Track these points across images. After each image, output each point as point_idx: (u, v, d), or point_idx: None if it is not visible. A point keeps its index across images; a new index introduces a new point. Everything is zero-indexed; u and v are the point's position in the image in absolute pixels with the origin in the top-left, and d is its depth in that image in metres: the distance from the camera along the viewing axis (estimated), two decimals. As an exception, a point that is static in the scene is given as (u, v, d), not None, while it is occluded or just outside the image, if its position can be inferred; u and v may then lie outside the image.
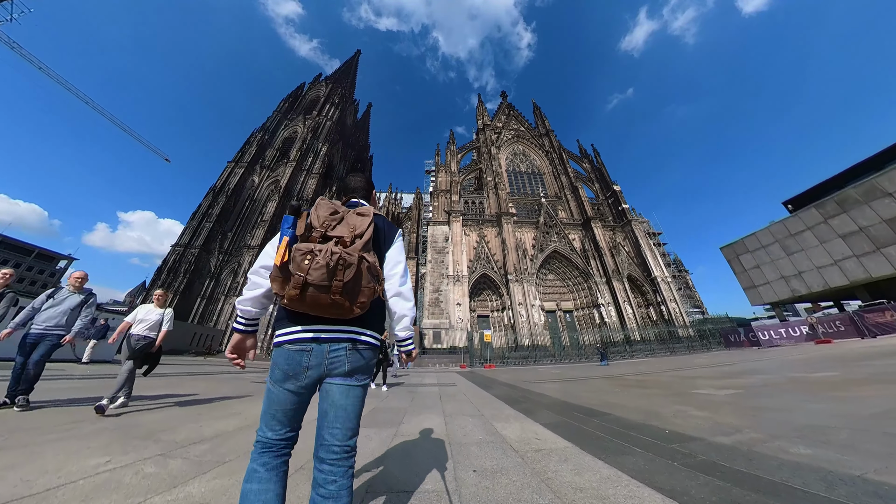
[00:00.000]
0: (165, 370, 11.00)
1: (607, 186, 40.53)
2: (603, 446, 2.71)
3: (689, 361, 14.28)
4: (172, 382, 7.62)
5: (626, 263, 33.44)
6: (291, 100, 65.61)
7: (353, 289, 1.10)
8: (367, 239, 1.18)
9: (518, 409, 4.81)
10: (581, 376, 10.58)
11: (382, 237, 1.38)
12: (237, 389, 6.70)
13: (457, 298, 30.03)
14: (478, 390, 7.55)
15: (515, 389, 7.45)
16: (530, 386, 8.22)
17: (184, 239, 42.48)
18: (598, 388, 6.90)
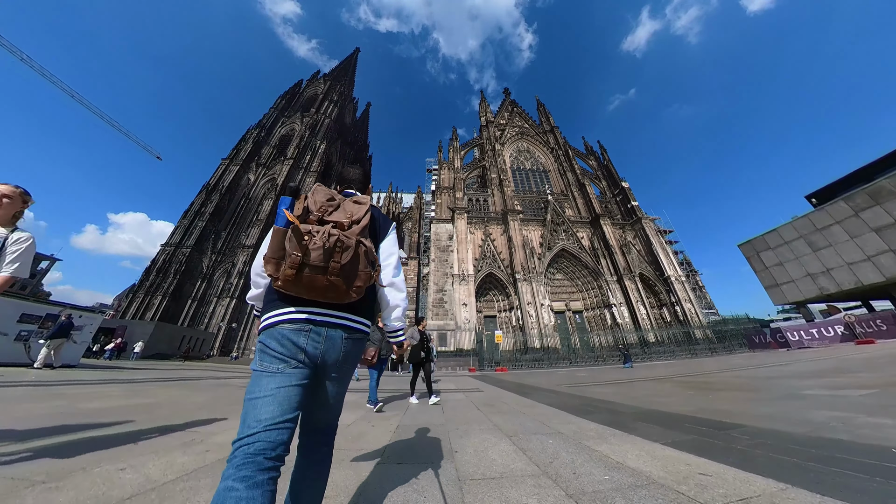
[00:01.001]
0: (134, 375, 9.65)
1: (615, 183, 39.74)
2: (819, 480, 1.70)
3: (726, 362, 13.19)
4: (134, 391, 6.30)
5: (637, 262, 32.48)
6: (289, 97, 64.57)
7: (350, 272, 1.09)
8: (364, 225, 1.17)
9: (598, 420, 3.64)
10: (619, 379, 9.41)
11: (377, 227, 1.39)
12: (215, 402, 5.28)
13: (462, 298, 28.81)
14: (516, 397, 6.34)
15: (562, 395, 6.25)
16: (574, 390, 7.03)
17: (174, 238, 40.93)
18: (666, 392, 5.73)
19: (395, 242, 1.45)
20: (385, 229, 1.43)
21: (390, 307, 1.37)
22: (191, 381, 8.51)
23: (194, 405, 4.73)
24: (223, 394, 6.36)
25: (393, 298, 1.37)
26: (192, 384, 7.95)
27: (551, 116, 47.40)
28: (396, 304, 1.37)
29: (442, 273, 32.79)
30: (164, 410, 4.20)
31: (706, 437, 2.73)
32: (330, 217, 1.17)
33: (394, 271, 1.38)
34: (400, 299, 1.37)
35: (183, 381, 8.45)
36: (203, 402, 5.13)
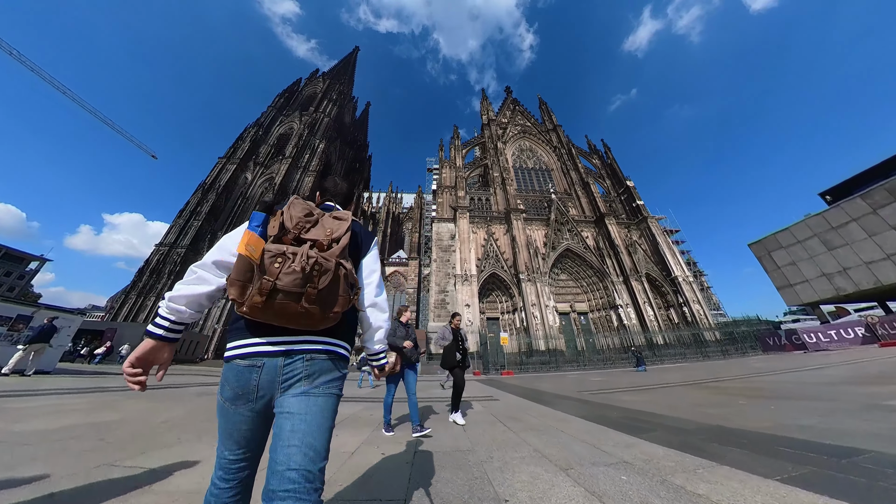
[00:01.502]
0: (112, 382, 8.90)
1: (619, 182, 39.25)
2: None
3: (745, 365, 12.56)
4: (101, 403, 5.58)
5: (643, 262, 31.90)
6: (287, 95, 63.99)
7: (328, 297, 1.02)
8: (344, 244, 1.09)
9: (661, 441, 2.99)
10: (641, 384, 8.76)
11: (359, 243, 1.31)
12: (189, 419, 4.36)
13: (465, 299, 28.13)
14: (540, 407, 5.67)
15: (592, 405, 5.59)
16: (600, 398, 6.37)
17: (169, 238, 40.12)
18: (711, 401, 5.08)
19: (377, 259, 1.36)
20: (367, 245, 1.34)
21: (373, 328, 1.29)
22: (172, 390, 7.80)
23: (164, 424, 4.02)
24: (204, 405, 5.66)
25: (375, 320, 1.28)
26: (173, 393, 7.25)
27: (554, 115, 46.99)
28: (379, 326, 1.29)
29: (444, 273, 32.14)
30: (122, 432, 3.50)
31: (828, 469, 2.10)
32: (307, 235, 1.07)
33: (376, 290, 1.29)
34: (383, 320, 1.29)
35: (164, 390, 7.74)
36: (176, 418, 4.42)
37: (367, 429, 4.16)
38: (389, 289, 45.04)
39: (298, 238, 1.06)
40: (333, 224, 1.14)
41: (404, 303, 43.44)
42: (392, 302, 43.84)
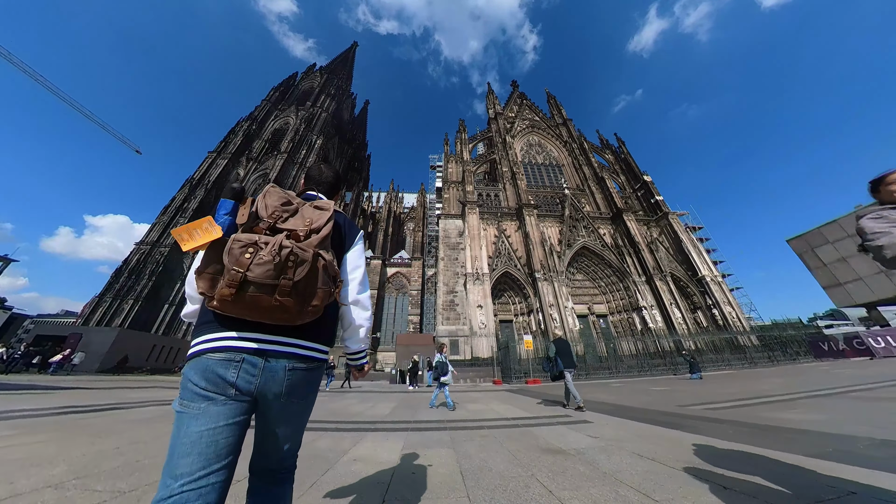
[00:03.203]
0: (47, 402, 6.71)
1: (635, 178, 37.83)
2: None
3: (821, 374, 10.65)
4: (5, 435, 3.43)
5: (665, 261, 30.16)
6: (282, 89, 62.35)
7: (306, 290, 0.96)
8: (325, 234, 1.04)
9: None
10: (746, 396, 6.72)
11: (343, 236, 1.25)
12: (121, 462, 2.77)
13: (477, 300, 26.08)
14: (694, 438, 3.59)
15: (779, 433, 3.52)
16: (732, 414, 4.31)
17: (151, 236, 37.58)
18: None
19: (361, 254, 1.30)
20: (351, 238, 1.28)
21: (354, 327, 1.24)
22: (121, 412, 5.62)
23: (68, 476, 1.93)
24: (155, 434, 3.56)
25: (357, 317, 1.23)
26: (119, 417, 5.08)
27: (563, 109, 45.80)
28: (360, 324, 1.24)
29: (452, 273, 30.10)
30: None
31: None
32: (284, 224, 1.03)
33: (359, 287, 1.24)
34: (364, 318, 1.24)
35: (111, 412, 5.56)
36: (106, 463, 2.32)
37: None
38: (391, 291, 42.77)
39: (274, 228, 1.00)
40: (314, 214, 1.08)
41: (406, 305, 41.13)
42: (395, 304, 41.49)
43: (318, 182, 1.43)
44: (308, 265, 0.95)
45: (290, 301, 0.92)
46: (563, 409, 6.36)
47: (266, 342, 0.99)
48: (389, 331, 39.54)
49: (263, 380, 0.96)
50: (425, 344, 28.14)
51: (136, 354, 22.10)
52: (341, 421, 5.23)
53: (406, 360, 22.90)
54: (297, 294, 0.93)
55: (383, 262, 43.32)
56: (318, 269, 0.98)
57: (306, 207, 1.11)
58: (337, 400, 8.75)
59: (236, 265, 0.88)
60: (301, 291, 0.94)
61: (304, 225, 1.03)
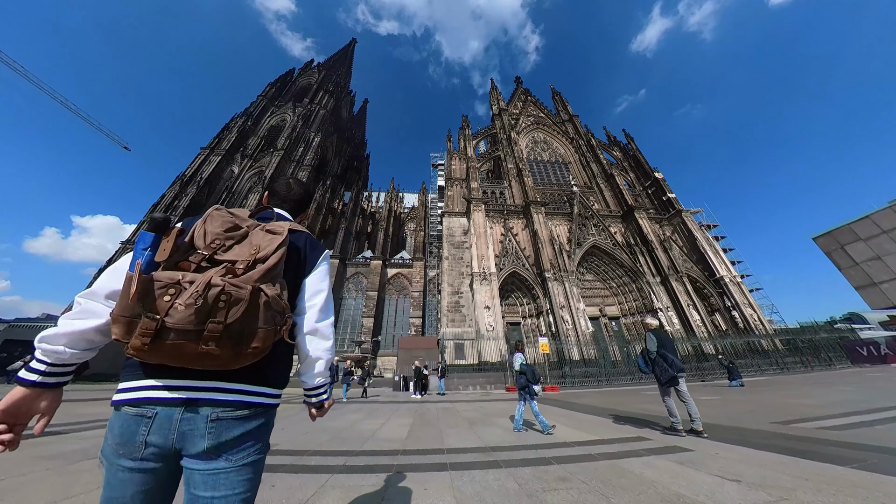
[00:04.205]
0: None
1: (646, 175, 36.97)
2: None
3: (883, 381, 9.51)
4: None
5: (680, 261, 29.13)
6: (279, 85, 61.27)
7: (242, 332, 0.84)
8: (270, 265, 0.92)
9: None
10: (841, 412, 5.51)
11: (301, 261, 1.12)
12: None
13: (485, 301, 24.84)
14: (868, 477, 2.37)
15: None
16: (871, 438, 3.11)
17: (137, 235, 36.03)
18: None
19: (324, 276, 1.17)
20: (312, 261, 1.15)
21: (310, 360, 1.09)
22: (46, 440, 4.32)
23: None
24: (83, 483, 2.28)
25: (314, 349, 1.08)
26: (42, 449, 3.78)
27: (569, 105, 45.08)
28: (318, 357, 1.09)
29: (457, 273, 28.86)
30: None
31: None
32: (225, 255, 0.92)
33: (319, 314, 1.10)
34: (323, 350, 1.10)
35: (39, 437, 4.26)
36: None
37: None
38: (392, 292, 41.37)
39: (213, 259, 0.90)
40: (263, 239, 0.96)
41: (408, 307, 39.76)
42: (395, 306, 40.08)
43: (283, 199, 1.33)
44: (244, 304, 0.82)
45: (221, 348, 0.80)
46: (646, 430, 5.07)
47: (191, 389, 0.86)
48: (390, 334, 38.12)
49: (179, 435, 0.84)
50: (429, 347, 26.75)
51: (112, 361, 20.42)
52: (351, 452, 3.96)
53: (408, 365, 21.59)
54: (230, 338, 0.81)
55: (383, 262, 42.02)
56: (259, 307, 0.85)
57: (256, 232, 0.98)
58: (339, 415, 7.44)
59: (152, 310, 0.77)
60: (235, 335, 0.82)
61: (250, 254, 0.91)
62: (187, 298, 0.78)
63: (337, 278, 39.11)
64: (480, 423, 6.10)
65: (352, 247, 48.52)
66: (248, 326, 0.84)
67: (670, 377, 4.63)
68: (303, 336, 1.08)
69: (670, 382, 4.68)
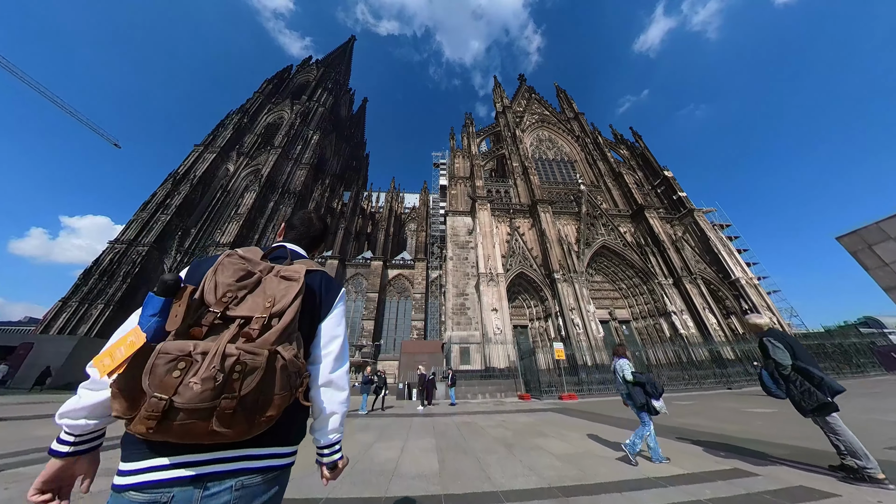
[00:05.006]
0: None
1: (654, 173, 36.34)
2: None
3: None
4: None
5: (692, 262, 28.34)
6: (276, 82, 60.36)
7: (256, 402, 0.78)
8: (287, 322, 0.86)
9: None
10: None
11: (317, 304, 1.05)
12: None
13: (492, 303, 23.89)
14: None
15: None
16: None
17: (128, 234, 34.74)
18: None
19: (341, 319, 1.09)
20: (328, 303, 1.07)
21: (325, 415, 1.00)
22: None
23: None
24: None
25: (329, 402, 1.00)
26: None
27: (574, 102, 44.55)
28: (333, 411, 1.00)
29: (462, 273, 27.89)
30: None
31: None
32: (237, 310, 0.85)
33: (335, 363, 1.02)
34: (338, 403, 1.01)
35: None
36: None
37: None
38: (393, 294, 40.27)
39: (224, 316, 0.83)
40: (278, 288, 0.90)
41: (410, 309, 38.66)
42: (396, 308, 38.92)
43: (301, 235, 1.27)
44: (261, 371, 0.76)
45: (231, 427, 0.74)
46: (782, 469, 4.06)
47: (205, 463, 0.79)
48: (391, 337, 36.95)
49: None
50: (432, 352, 25.70)
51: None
52: (377, 501, 2.95)
53: (411, 370, 20.54)
54: (244, 410, 0.75)
55: (384, 263, 40.96)
56: (276, 372, 0.79)
57: (270, 279, 0.92)
58: (346, 435, 6.39)
59: (159, 389, 0.70)
60: (249, 406, 0.76)
61: (265, 307, 0.85)
62: (203, 373, 0.71)
63: (336, 279, 37.96)
64: (519, 446, 5.10)
65: (351, 247, 47.44)
66: (264, 395, 0.77)
67: (821, 404, 3.14)
68: (317, 389, 0.99)
69: (820, 410, 3.20)
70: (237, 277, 0.88)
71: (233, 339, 0.79)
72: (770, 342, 3.50)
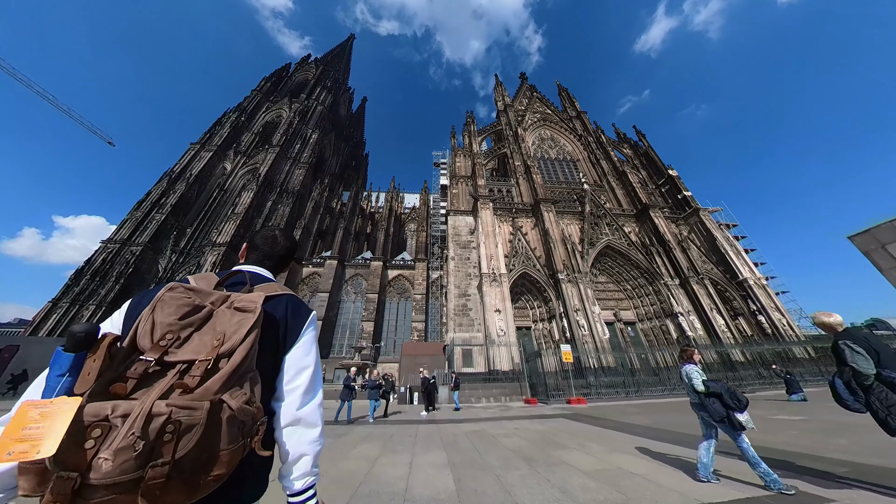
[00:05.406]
0: None
1: (658, 172, 36.01)
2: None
3: None
4: None
5: (699, 262, 27.96)
6: (275, 80, 59.93)
7: (198, 462, 0.66)
8: (237, 361, 0.74)
9: None
10: None
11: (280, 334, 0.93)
12: None
13: (495, 304, 23.42)
14: None
15: None
16: None
17: (122, 234, 34.13)
18: None
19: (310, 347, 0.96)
20: (295, 331, 0.95)
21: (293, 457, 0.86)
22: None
23: None
24: None
25: (298, 443, 0.87)
26: None
27: (576, 101, 44.25)
28: (302, 453, 0.87)
29: (464, 274, 27.41)
30: None
31: None
32: (178, 353, 0.73)
33: (303, 397, 0.90)
34: (309, 442, 0.88)
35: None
36: None
37: None
38: (393, 295, 39.73)
39: (162, 361, 0.71)
40: (230, 322, 0.78)
41: (410, 310, 38.09)
42: (397, 309, 38.37)
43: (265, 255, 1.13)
44: (201, 428, 0.64)
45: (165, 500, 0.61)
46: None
47: None
48: (391, 339, 36.39)
49: None
50: (434, 353, 25.14)
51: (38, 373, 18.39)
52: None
53: (412, 373, 20.00)
54: (181, 474, 0.63)
55: (384, 264, 40.44)
56: (221, 425, 0.67)
57: (222, 312, 0.80)
58: (347, 447, 5.89)
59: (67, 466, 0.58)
60: (188, 469, 0.63)
61: (212, 346, 0.72)
62: (119, 443, 0.58)
63: (335, 280, 37.44)
64: (539, 460, 4.60)
65: (351, 247, 46.90)
66: (207, 454, 0.65)
67: None
68: (280, 430, 0.87)
69: None
70: (181, 314, 0.76)
71: (167, 392, 0.66)
72: (847, 346, 3.00)
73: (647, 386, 18.05)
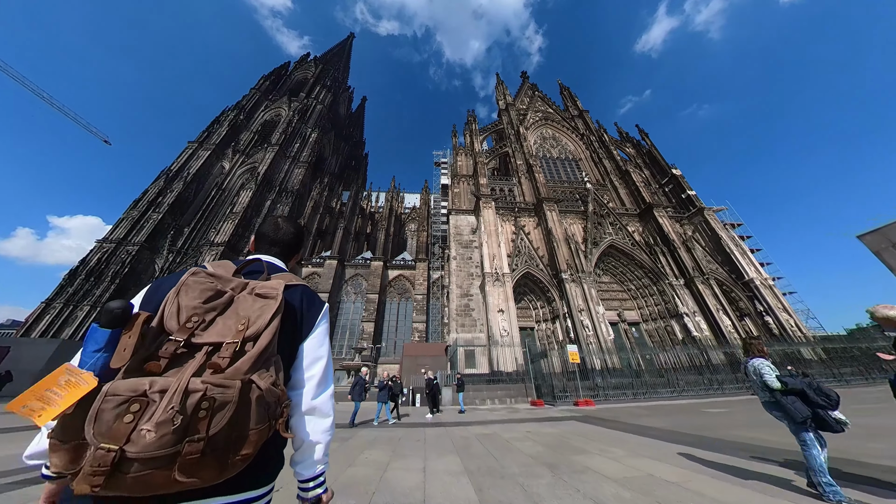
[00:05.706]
0: None
1: (661, 171, 35.86)
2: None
3: None
4: None
5: (704, 262, 27.76)
6: (274, 78, 59.66)
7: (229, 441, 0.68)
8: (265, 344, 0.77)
9: None
10: None
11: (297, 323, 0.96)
12: None
13: (498, 304, 23.15)
14: None
15: None
16: None
17: (118, 233, 33.71)
18: None
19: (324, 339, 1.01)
20: (311, 320, 0.98)
21: (307, 444, 0.91)
22: None
23: None
24: None
25: (313, 431, 0.91)
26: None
27: (578, 100, 44.14)
28: (317, 441, 0.91)
29: (466, 273, 27.14)
30: None
31: None
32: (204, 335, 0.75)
33: (317, 388, 0.94)
34: (322, 431, 0.92)
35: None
36: None
37: None
38: (393, 295, 39.40)
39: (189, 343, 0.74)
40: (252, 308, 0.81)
41: (410, 311, 37.76)
42: (397, 310, 38.02)
43: (272, 242, 1.15)
44: (233, 406, 0.67)
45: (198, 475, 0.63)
46: None
47: None
48: (392, 340, 36.04)
49: None
50: (436, 354, 24.83)
51: (39, 376, 17.94)
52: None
53: (413, 374, 19.69)
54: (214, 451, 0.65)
55: (385, 264, 40.12)
56: (251, 405, 0.70)
57: (243, 297, 0.83)
58: (354, 453, 5.59)
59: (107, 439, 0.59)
60: (220, 447, 0.66)
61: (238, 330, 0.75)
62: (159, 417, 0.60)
63: (335, 280, 37.11)
64: (563, 466, 4.32)
65: (351, 247, 46.58)
66: (237, 432, 0.68)
67: None
68: (299, 416, 0.91)
69: None
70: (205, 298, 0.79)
71: (199, 370, 0.70)
72: None
73: (653, 387, 17.78)
